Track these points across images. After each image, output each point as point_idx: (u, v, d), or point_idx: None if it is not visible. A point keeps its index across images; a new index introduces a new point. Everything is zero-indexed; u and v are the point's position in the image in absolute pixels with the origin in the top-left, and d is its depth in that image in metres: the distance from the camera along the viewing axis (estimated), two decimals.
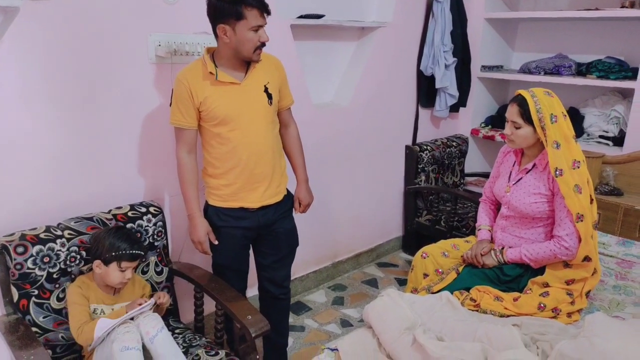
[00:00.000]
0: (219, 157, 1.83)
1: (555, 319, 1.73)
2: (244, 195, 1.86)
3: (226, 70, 1.76)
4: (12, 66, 1.66)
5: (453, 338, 1.49)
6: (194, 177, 1.86)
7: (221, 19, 1.67)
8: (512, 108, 1.83)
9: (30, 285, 1.63)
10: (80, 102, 1.84)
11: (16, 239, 1.61)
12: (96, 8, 1.80)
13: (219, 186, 1.87)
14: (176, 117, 1.79)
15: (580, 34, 3.38)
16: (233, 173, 1.83)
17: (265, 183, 1.87)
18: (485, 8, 3.42)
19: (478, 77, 3.55)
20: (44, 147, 1.78)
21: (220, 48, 1.75)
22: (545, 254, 1.81)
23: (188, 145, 1.82)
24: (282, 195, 1.96)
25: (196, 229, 1.86)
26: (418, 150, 3.22)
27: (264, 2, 1.68)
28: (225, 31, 1.68)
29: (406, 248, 3.49)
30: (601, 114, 3.21)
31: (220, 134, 1.79)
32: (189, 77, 1.75)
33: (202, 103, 1.75)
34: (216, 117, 1.76)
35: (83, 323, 1.59)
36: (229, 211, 1.88)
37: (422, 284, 1.99)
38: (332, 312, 2.77)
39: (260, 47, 1.73)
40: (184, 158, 1.83)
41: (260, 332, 1.65)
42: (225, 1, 1.63)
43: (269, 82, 1.82)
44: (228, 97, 1.75)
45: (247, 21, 1.65)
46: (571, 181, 1.74)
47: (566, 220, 1.76)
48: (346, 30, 2.91)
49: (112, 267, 1.63)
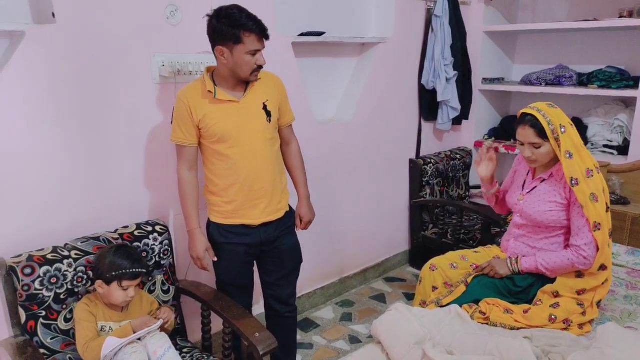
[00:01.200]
0: (218, 174, 1.84)
1: (567, 330, 1.71)
2: (244, 213, 1.87)
3: (225, 89, 1.79)
4: (18, 88, 1.68)
5: (463, 352, 1.47)
6: (194, 193, 1.88)
7: (220, 40, 1.70)
8: (526, 131, 1.80)
9: (37, 307, 1.62)
10: (86, 123, 1.86)
11: (23, 260, 1.61)
12: (100, 30, 1.83)
13: (220, 203, 1.87)
14: (177, 135, 1.82)
15: (580, 45, 3.41)
16: (233, 190, 1.84)
17: (265, 200, 1.87)
18: (484, 21, 3.45)
19: (479, 89, 3.56)
20: (50, 168, 1.79)
21: (219, 68, 1.78)
22: (562, 263, 1.79)
23: (188, 162, 1.85)
24: (284, 212, 1.96)
25: (195, 245, 1.87)
26: (422, 164, 3.23)
27: (263, 27, 1.71)
28: (223, 53, 1.71)
29: (413, 262, 3.46)
30: (604, 124, 3.21)
31: (219, 151, 1.80)
32: (189, 95, 1.78)
33: (201, 120, 1.77)
34: (215, 134, 1.78)
35: (89, 340, 1.58)
36: (230, 228, 1.89)
37: (431, 297, 1.97)
38: (340, 328, 2.74)
39: (257, 70, 1.76)
40: (184, 175, 1.86)
41: (268, 350, 1.64)
42: (224, 24, 1.66)
43: (268, 100, 1.84)
44: (226, 115, 1.78)
45: (244, 46, 1.68)
46: (587, 190, 1.73)
47: (584, 229, 1.75)
48: (347, 46, 2.94)
49: (113, 287, 1.63)
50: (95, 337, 1.60)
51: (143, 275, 1.71)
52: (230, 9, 1.69)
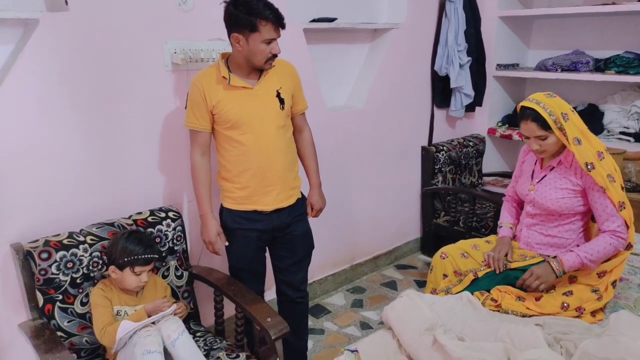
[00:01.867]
0: (231, 160, 1.85)
1: (580, 318, 1.70)
2: (257, 199, 1.88)
3: (239, 75, 1.79)
4: (33, 76, 1.70)
5: (474, 338, 1.47)
6: (206, 178, 1.89)
7: (236, 28, 1.70)
8: (528, 125, 1.78)
9: (54, 291, 1.66)
10: (99, 110, 1.87)
11: (40, 245, 1.65)
12: (113, 18, 1.84)
13: (232, 189, 1.89)
14: (190, 120, 1.83)
15: (597, 30, 3.33)
16: (245, 176, 1.85)
17: (278, 186, 1.89)
18: (499, 6, 3.39)
19: (494, 75, 3.51)
20: (64, 154, 1.82)
21: (234, 54, 1.79)
22: (606, 250, 1.74)
23: (201, 147, 1.86)
24: (296, 198, 1.97)
25: (207, 229, 1.89)
26: (434, 151, 3.20)
27: (280, 16, 1.71)
28: (239, 40, 1.71)
29: (425, 250, 3.46)
30: (621, 110, 3.15)
31: (232, 137, 1.81)
32: (203, 81, 1.79)
33: (215, 106, 1.78)
34: (228, 120, 1.79)
35: (106, 324, 1.62)
36: (243, 214, 1.90)
37: (441, 285, 1.97)
38: (351, 314, 2.76)
39: (272, 58, 1.76)
40: (197, 160, 1.87)
41: (280, 334, 1.66)
42: (241, 11, 1.66)
43: (282, 87, 1.85)
44: (240, 101, 1.78)
45: (260, 34, 1.68)
46: (603, 172, 1.73)
47: (614, 212, 1.74)
48: (359, 32, 2.91)
49: (126, 272, 1.65)
50: (111, 321, 1.63)
51: (155, 261, 1.73)
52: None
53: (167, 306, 1.67)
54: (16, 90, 1.67)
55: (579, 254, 1.75)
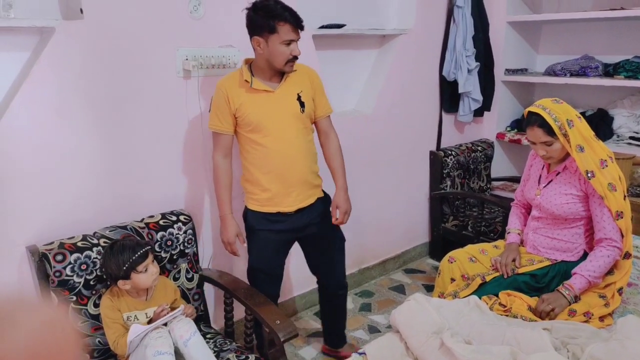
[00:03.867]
0: (253, 162, 1.91)
1: (588, 323, 1.70)
2: (279, 200, 1.93)
3: (261, 79, 1.85)
4: (49, 82, 1.75)
5: (481, 342, 1.48)
6: (227, 180, 1.94)
7: (256, 31, 1.77)
8: (535, 131, 1.79)
9: (68, 292, 1.70)
10: (113, 115, 1.92)
11: (55, 247, 1.69)
12: (127, 25, 1.88)
13: (256, 191, 1.94)
14: (214, 122, 1.89)
15: (606, 34, 3.33)
16: (267, 178, 1.90)
17: (299, 187, 1.93)
18: (507, 11, 3.40)
19: (502, 80, 3.52)
20: (78, 158, 1.86)
21: (256, 58, 1.85)
22: (606, 263, 1.77)
23: (223, 149, 1.91)
24: (316, 197, 2.01)
25: (226, 230, 1.94)
26: (442, 156, 3.21)
27: (298, 18, 1.77)
28: (259, 43, 1.78)
29: (433, 254, 3.46)
30: (631, 115, 3.14)
31: (254, 140, 1.87)
32: (227, 84, 1.86)
33: (238, 109, 1.84)
34: (250, 123, 1.84)
35: (118, 336, 1.64)
36: (267, 215, 1.95)
37: (449, 289, 1.98)
38: (359, 318, 2.77)
39: (292, 60, 1.82)
40: (219, 161, 1.92)
41: (288, 337, 1.68)
42: (260, 15, 1.74)
43: (302, 91, 1.90)
44: (261, 105, 1.84)
45: (279, 35, 1.74)
46: (604, 181, 1.73)
47: (609, 221, 1.75)
48: (367, 38, 2.94)
49: (134, 277, 1.66)
50: (123, 333, 1.64)
51: (150, 250, 1.71)
52: (267, 1, 1.76)
53: (167, 311, 1.69)
54: (33, 95, 1.72)
55: (583, 275, 1.76)
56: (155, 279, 1.72)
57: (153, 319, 1.70)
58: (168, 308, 1.72)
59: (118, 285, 1.68)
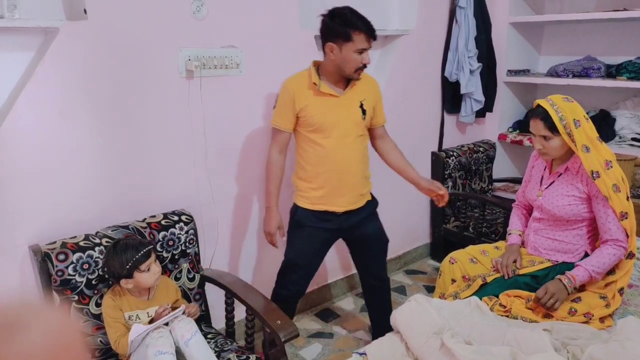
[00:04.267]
0: (310, 161, 1.98)
1: (588, 324, 1.70)
2: (330, 200, 2.00)
3: (328, 83, 1.93)
4: (52, 82, 1.76)
5: (482, 342, 1.48)
6: (279, 174, 2.04)
7: (331, 37, 1.84)
8: (536, 123, 1.81)
9: (70, 291, 1.70)
10: (115, 115, 1.92)
11: (57, 246, 1.69)
12: (130, 26, 1.89)
13: (308, 189, 2.02)
14: (276, 119, 1.98)
15: (609, 35, 3.33)
16: (322, 178, 1.98)
17: (350, 190, 2.01)
18: (510, 12, 3.40)
19: (504, 81, 3.52)
20: (81, 158, 1.87)
21: (325, 63, 1.92)
22: (611, 261, 1.78)
23: (280, 145, 2.01)
24: (365, 200, 2.10)
25: (270, 221, 2.04)
26: (444, 157, 3.22)
27: (372, 28, 1.85)
28: (333, 49, 1.85)
29: (434, 255, 3.47)
30: (633, 116, 3.14)
31: (314, 140, 1.94)
32: (295, 85, 1.94)
33: (302, 109, 1.91)
34: (313, 124, 1.92)
35: (119, 336, 1.65)
36: (316, 213, 2.03)
37: (450, 290, 1.99)
38: (360, 319, 2.78)
39: (362, 68, 1.89)
40: (274, 156, 2.02)
41: (289, 337, 1.68)
42: (337, 23, 1.82)
43: (365, 99, 1.98)
44: (326, 108, 1.91)
45: (353, 44, 1.82)
46: (609, 182, 1.74)
47: (614, 222, 1.76)
48: None
49: (137, 276, 1.66)
50: (124, 333, 1.65)
51: (152, 250, 1.72)
52: (344, 10, 1.85)
53: (168, 311, 1.69)
54: (36, 95, 1.73)
55: (587, 268, 1.77)
56: (157, 278, 1.72)
57: (154, 318, 1.71)
58: (169, 308, 1.72)
59: (121, 284, 1.69)
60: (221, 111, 2.22)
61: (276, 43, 2.34)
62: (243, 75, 2.24)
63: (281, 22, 2.33)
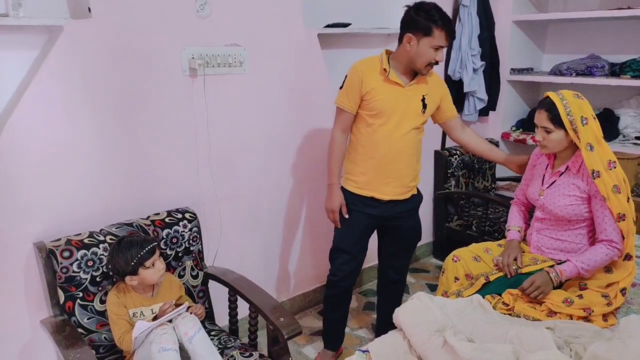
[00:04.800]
0: (363, 143, 2.04)
1: (590, 322, 1.70)
2: (375, 187, 2.06)
3: (397, 72, 1.98)
4: (57, 80, 1.76)
5: (484, 340, 1.48)
6: (341, 153, 2.09)
7: (411, 29, 1.90)
8: (541, 114, 1.81)
9: (75, 288, 1.71)
10: (120, 112, 1.93)
11: (62, 244, 1.70)
12: (134, 24, 1.89)
13: (356, 172, 2.08)
14: (342, 99, 2.03)
15: (613, 34, 3.32)
16: (370, 163, 2.03)
17: (396, 180, 2.06)
18: (513, 10, 3.39)
19: (508, 80, 3.51)
20: (85, 155, 1.88)
21: (398, 53, 1.97)
22: (601, 260, 1.78)
23: (343, 125, 2.06)
24: (411, 194, 2.14)
25: (332, 199, 2.09)
26: (447, 155, 3.22)
27: (452, 28, 1.92)
28: (411, 39, 1.90)
29: (437, 254, 3.47)
30: (637, 115, 3.13)
31: (372, 124, 2.00)
32: (365, 68, 1.99)
33: (368, 93, 1.96)
34: (375, 108, 1.97)
35: (123, 333, 1.67)
36: (361, 198, 2.08)
37: (453, 288, 1.98)
38: (363, 317, 2.78)
39: (432, 65, 1.95)
40: (337, 135, 2.07)
41: (292, 334, 1.69)
42: (421, 16, 1.88)
43: (428, 94, 2.03)
44: (391, 95, 1.97)
45: (432, 39, 1.87)
46: (609, 182, 1.73)
47: (610, 222, 1.76)
48: (372, 37, 2.94)
49: (141, 272, 1.68)
50: (128, 329, 1.66)
51: (157, 247, 1.73)
52: (429, 5, 1.91)
53: (172, 308, 1.70)
54: (41, 93, 1.74)
55: (576, 264, 1.79)
56: (161, 275, 1.73)
57: (158, 315, 1.72)
58: (173, 305, 1.73)
59: (125, 281, 1.69)
60: (225, 109, 2.22)
61: (280, 41, 2.34)
62: (246, 73, 2.25)
63: (285, 20, 2.34)
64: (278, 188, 2.54)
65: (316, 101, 2.56)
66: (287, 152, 2.53)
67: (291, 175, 2.59)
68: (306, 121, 2.55)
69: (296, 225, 2.69)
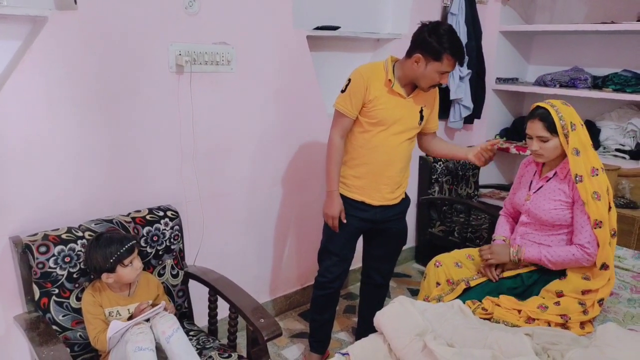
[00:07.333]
0: (358, 148, 2.04)
1: (568, 329, 1.72)
2: (368, 192, 2.07)
3: (399, 83, 1.98)
4: (39, 72, 1.73)
5: (463, 345, 1.49)
6: (340, 158, 2.06)
7: (422, 50, 1.88)
8: (535, 124, 1.82)
9: (51, 284, 1.68)
10: (103, 107, 1.90)
11: (39, 239, 1.66)
12: (120, 18, 1.87)
13: (349, 176, 2.07)
14: (344, 104, 2.00)
15: (596, 47, 3.39)
16: (364, 168, 2.04)
17: (389, 187, 2.08)
18: (501, 21, 3.44)
19: (493, 89, 3.56)
20: (66, 150, 1.84)
21: (404, 67, 1.95)
22: (567, 257, 1.82)
23: (343, 130, 2.04)
24: (400, 199, 2.16)
25: (332, 205, 2.06)
26: (432, 161, 3.24)
27: (463, 55, 1.92)
28: (419, 60, 1.89)
29: (419, 259, 3.48)
30: (617, 127, 3.19)
31: (369, 131, 2.00)
32: (371, 75, 1.98)
33: (371, 100, 1.96)
34: (377, 116, 1.97)
35: (98, 332, 1.64)
36: (352, 202, 2.08)
37: (434, 293, 1.99)
38: (343, 320, 2.78)
39: (435, 86, 1.98)
40: (336, 140, 2.04)
41: (272, 336, 1.67)
42: (434, 40, 1.84)
43: (425, 106, 2.06)
44: (392, 105, 1.97)
45: (441, 64, 1.87)
46: (590, 188, 1.76)
47: (586, 227, 1.78)
48: (362, 41, 2.95)
49: (119, 270, 1.65)
50: (103, 329, 1.63)
51: (136, 245, 1.71)
52: (444, 29, 1.86)
53: (148, 308, 1.68)
54: (22, 85, 1.70)
55: (540, 251, 1.86)
56: (138, 274, 1.71)
57: (134, 314, 1.69)
58: (150, 305, 1.71)
59: (102, 279, 1.66)
60: (210, 108, 2.21)
61: (269, 41, 2.33)
62: (234, 72, 2.23)
63: (274, 20, 2.33)
64: (263, 189, 2.53)
65: (304, 102, 2.56)
66: (273, 153, 2.52)
67: (277, 176, 2.57)
68: (293, 122, 2.55)
69: (280, 226, 2.68)
